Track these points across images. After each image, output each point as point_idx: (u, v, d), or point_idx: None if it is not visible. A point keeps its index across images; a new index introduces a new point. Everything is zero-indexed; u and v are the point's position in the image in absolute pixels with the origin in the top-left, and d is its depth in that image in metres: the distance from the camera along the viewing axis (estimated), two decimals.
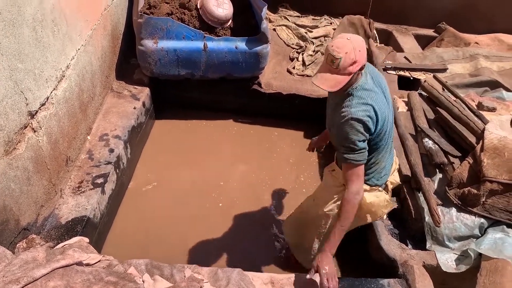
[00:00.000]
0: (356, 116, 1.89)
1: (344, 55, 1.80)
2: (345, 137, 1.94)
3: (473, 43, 4.98)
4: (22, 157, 2.16)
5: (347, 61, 1.80)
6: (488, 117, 3.13)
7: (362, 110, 1.90)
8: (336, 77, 1.85)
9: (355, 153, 1.96)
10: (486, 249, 2.42)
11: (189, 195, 3.37)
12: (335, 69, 1.84)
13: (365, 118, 1.90)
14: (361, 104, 1.91)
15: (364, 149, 1.98)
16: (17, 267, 1.86)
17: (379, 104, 1.96)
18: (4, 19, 1.94)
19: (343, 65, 1.81)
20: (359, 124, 1.91)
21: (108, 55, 3.56)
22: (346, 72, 1.83)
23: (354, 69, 1.83)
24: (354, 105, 1.92)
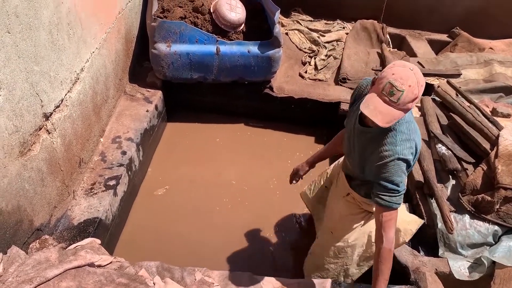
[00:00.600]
0: (403, 156, 1.75)
1: (408, 88, 1.58)
2: (389, 179, 1.78)
3: (487, 49, 4.93)
4: (37, 159, 2.19)
5: (409, 95, 1.58)
6: (502, 123, 3.09)
7: (408, 148, 1.76)
8: (392, 111, 1.61)
9: (397, 195, 1.81)
10: (500, 257, 2.39)
11: (200, 197, 3.38)
12: (393, 103, 1.60)
13: (409, 157, 1.77)
14: (405, 141, 1.77)
15: (403, 191, 1.82)
16: (30, 267, 1.88)
17: (418, 135, 1.84)
18: (21, 22, 1.97)
19: (404, 100, 1.59)
20: (404, 164, 1.77)
21: (121, 58, 3.60)
22: (404, 108, 1.61)
23: (413, 105, 1.64)
24: (399, 142, 1.76)
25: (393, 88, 1.58)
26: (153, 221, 3.15)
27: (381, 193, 1.82)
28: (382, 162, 1.77)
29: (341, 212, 2.27)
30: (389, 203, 1.81)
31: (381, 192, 1.82)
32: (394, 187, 1.79)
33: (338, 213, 2.30)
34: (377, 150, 1.80)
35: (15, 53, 1.94)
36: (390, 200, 1.81)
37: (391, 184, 1.79)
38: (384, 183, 1.80)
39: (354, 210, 2.22)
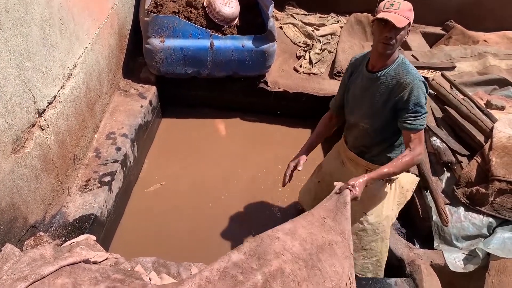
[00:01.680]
0: (422, 79, 2.01)
1: (402, 2, 1.96)
2: (415, 102, 2.00)
3: (481, 41, 4.94)
4: (30, 155, 2.17)
5: (405, 5, 1.95)
6: (496, 115, 3.10)
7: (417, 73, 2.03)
8: (398, 17, 1.92)
9: (421, 117, 2.03)
10: (495, 248, 2.41)
11: (196, 193, 3.38)
12: (398, 11, 1.94)
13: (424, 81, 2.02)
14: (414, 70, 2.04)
15: (426, 113, 2.05)
16: (25, 264, 1.87)
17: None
18: (12, 18, 1.95)
19: (403, 8, 1.94)
20: (423, 86, 2.01)
21: (115, 53, 3.57)
22: (405, 15, 1.93)
23: (410, 16, 1.95)
24: (413, 71, 2.04)
25: (392, 1, 1.96)
26: (149, 216, 3.15)
27: (407, 119, 2.03)
28: (407, 90, 2.01)
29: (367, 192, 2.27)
30: (415, 125, 2.03)
31: (408, 117, 2.03)
32: (419, 109, 2.02)
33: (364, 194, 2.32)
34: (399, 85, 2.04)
35: (6, 49, 1.92)
36: (415, 122, 2.03)
37: (417, 106, 2.01)
38: (411, 107, 2.02)
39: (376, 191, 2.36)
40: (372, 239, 2.47)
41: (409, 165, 2.10)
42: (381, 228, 2.44)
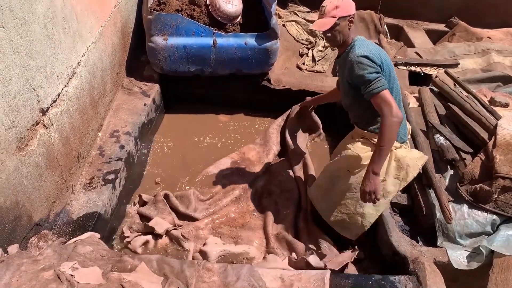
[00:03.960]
0: (360, 54, 2.27)
1: (329, 3, 2.31)
2: (359, 75, 2.27)
3: (485, 38, 4.92)
4: (34, 154, 2.18)
5: (330, 6, 2.29)
6: (500, 112, 3.09)
7: (363, 49, 2.29)
8: (324, 20, 2.32)
9: (373, 82, 2.23)
10: (499, 246, 2.40)
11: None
12: (323, 15, 2.32)
13: (369, 54, 2.26)
14: (361, 46, 2.33)
15: (379, 77, 2.24)
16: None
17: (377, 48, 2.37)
18: (16, 17, 1.96)
19: (328, 9, 2.30)
20: (365, 59, 2.25)
21: (118, 52, 3.58)
22: (331, 15, 2.29)
23: (338, 13, 2.28)
24: (357, 49, 2.31)
25: (321, 8, 2.35)
26: None
27: (363, 90, 2.29)
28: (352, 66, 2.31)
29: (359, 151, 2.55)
30: (370, 92, 2.25)
31: (363, 89, 2.29)
32: (366, 79, 2.25)
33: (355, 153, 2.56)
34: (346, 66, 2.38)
35: (10, 48, 1.93)
36: (369, 89, 2.25)
37: (362, 77, 2.26)
38: (361, 79, 2.27)
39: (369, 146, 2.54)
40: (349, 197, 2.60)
41: (388, 129, 2.23)
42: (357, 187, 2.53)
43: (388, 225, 2.69)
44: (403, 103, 3.44)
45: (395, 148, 2.49)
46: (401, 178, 2.54)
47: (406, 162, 2.51)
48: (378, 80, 2.23)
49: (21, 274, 1.82)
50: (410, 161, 2.52)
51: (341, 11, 2.29)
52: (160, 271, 2.07)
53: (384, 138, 2.24)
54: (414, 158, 2.55)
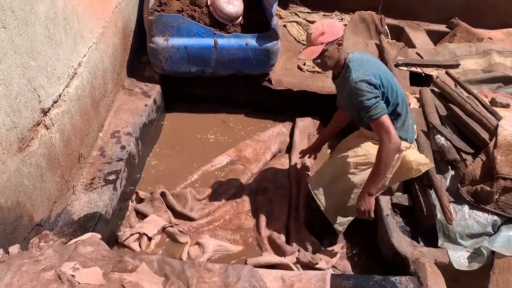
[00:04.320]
0: (357, 79, 2.25)
1: (314, 29, 2.29)
2: (358, 101, 2.26)
3: (486, 39, 4.92)
4: (35, 154, 2.19)
5: (316, 33, 2.27)
6: (501, 113, 3.08)
7: (361, 72, 2.26)
8: (311, 48, 2.29)
9: (371, 109, 2.24)
10: (500, 246, 2.40)
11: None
12: (310, 42, 2.30)
13: (366, 77, 2.24)
14: (357, 68, 2.29)
15: (377, 102, 2.25)
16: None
17: (374, 63, 2.35)
18: (17, 18, 1.96)
19: (314, 37, 2.28)
20: (363, 84, 2.24)
21: (119, 52, 3.59)
22: (317, 42, 2.27)
23: (324, 39, 2.26)
24: (353, 72, 2.28)
25: (307, 36, 2.33)
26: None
27: (363, 115, 2.29)
28: (351, 92, 2.30)
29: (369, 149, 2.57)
30: (370, 117, 2.26)
31: (363, 113, 2.28)
32: (366, 104, 2.25)
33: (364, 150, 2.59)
34: (346, 89, 2.36)
35: (11, 49, 1.93)
36: (368, 115, 2.26)
37: (366, 102, 2.25)
38: (360, 105, 2.28)
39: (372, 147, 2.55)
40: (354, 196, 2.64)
41: (386, 155, 2.29)
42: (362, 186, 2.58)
43: (388, 225, 2.69)
44: None
45: (405, 148, 2.55)
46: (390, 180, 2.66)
47: (410, 166, 2.60)
48: (377, 106, 2.24)
49: (22, 274, 1.83)
50: (415, 165, 2.60)
51: (328, 37, 2.26)
52: (161, 271, 2.07)
53: (381, 163, 2.31)
54: (418, 163, 2.61)
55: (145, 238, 2.79)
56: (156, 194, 3.06)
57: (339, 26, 2.34)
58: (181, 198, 3.11)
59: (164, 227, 2.85)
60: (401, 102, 2.44)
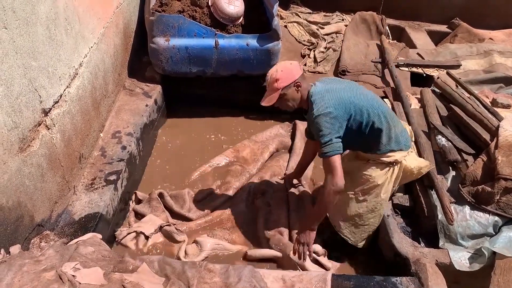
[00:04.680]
0: (319, 112, 2.24)
1: (269, 77, 2.35)
2: (318, 134, 2.27)
3: (487, 39, 4.92)
4: (36, 154, 2.19)
5: (271, 80, 2.34)
6: (502, 114, 3.08)
7: (322, 105, 2.25)
8: (269, 94, 2.36)
9: (328, 145, 2.23)
10: (501, 247, 2.39)
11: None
12: (268, 89, 2.38)
13: (324, 111, 2.23)
14: (318, 101, 2.27)
15: (330, 141, 2.22)
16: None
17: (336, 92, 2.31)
18: (18, 18, 1.96)
19: (269, 84, 2.35)
20: (321, 119, 2.23)
21: (120, 53, 3.59)
22: (274, 89, 2.33)
23: (279, 85, 2.31)
24: (315, 106, 2.28)
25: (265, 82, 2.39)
26: None
27: (320, 148, 2.27)
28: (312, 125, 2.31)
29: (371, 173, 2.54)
30: (325, 153, 2.25)
31: (320, 147, 2.27)
32: (322, 138, 2.24)
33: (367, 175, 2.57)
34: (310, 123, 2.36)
35: (13, 49, 1.94)
36: (323, 151, 2.25)
37: (321, 138, 2.25)
38: (318, 138, 2.27)
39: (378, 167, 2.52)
40: (372, 216, 2.67)
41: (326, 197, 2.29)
42: (378, 206, 2.63)
43: (389, 226, 2.69)
44: (404, 104, 3.45)
45: (403, 158, 2.52)
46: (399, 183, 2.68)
47: (412, 171, 2.61)
48: (330, 144, 2.23)
49: (23, 274, 1.83)
50: (416, 170, 2.60)
51: (282, 82, 2.30)
52: (161, 271, 2.07)
53: (320, 205, 2.36)
54: (419, 167, 2.61)
55: (142, 237, 2.79)
56: (153, 194, 3.07)
57: (294, 68, 2.36)
58: (179, 198, 3.11)
59: (161, 226, 2.85)
60: (377, 118, 2.35)
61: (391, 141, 2.43)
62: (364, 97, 2.37)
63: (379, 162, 2.51)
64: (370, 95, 2.45)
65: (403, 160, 2.52)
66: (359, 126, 2.35)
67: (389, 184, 2.56)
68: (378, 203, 2.61)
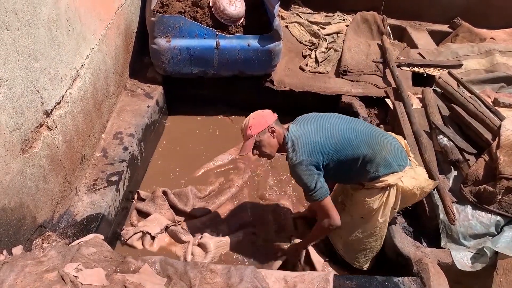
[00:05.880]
0: (293, 162, 2.25)
1: (243, 125, 2.39)
2: (300, 183, 2.30)
3: (488, 39, 4.91)
4: (38, 155, 2.19)
5: (245, 128, 2.37)
6: (504, 113, 3.08)
7: (295, 154, 2.25)
8: (245, 143, 2.36)
9: (313, 193, 2.26)
10: (503, 247, 2.39)
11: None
12: (243, 138, 2.40)
13: (300, 159, 2.23)
14: (292, 150, 2.28)
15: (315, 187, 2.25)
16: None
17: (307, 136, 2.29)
18: (20, 19, 1.97)
19: (244, 132, 2.38)
20: (300, 166, 2.23)
21: (121, 54, 3.59)
22: (248, 136, 2.34)
23: (253, 132, 2.33)
24: (289, 154, 2.29)
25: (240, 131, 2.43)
26: None
27: (306, 194, 2.31)
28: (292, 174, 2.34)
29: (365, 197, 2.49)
30: (310, 199, 2.30)
31: (305, 193, 2.32)
32: (305, 187, 2.28)
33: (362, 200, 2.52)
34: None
35: (15, 50, 1.94)
36: (309, 198, 2.30)
37: (303, 186, 2.30)
38: (301, 186, 2.31)
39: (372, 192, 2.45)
40: (372, 240, 2.62)
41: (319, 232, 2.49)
42: (378, 230, 2.57)
43: (391, 226, 2.68)
44: (406, 104, 3.45)
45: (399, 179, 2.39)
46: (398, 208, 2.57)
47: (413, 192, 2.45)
48: (316, 191, 2.25)
49: (25, 275, 1.83)
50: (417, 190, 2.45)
51: (255, 129, 2.32)
52: (163, 272, 2.08)
53: (313, 235, 2.53)
54: (420, 187, 2.45)
55: (148, 237, 2.80)
56: (158, 192, 3.09)
57: (266, 114, 2.39)
58: (182, 196, 3.14)
59: (167, 226, 2.85)
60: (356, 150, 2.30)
61: (379, 167, 2.34)
62: (338, 133, 2.31)
63: (373, 187, 2.43)
64: (346, 127, 2.36)
65: (399, 182, 2.39)
66: (340, 163, 2.31)
67: (386, 208, 2.46)
68: (376, 227, 2.54)
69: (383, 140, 2.39)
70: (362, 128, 2.40)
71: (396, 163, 2.38)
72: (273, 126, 2.36)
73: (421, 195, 2.51)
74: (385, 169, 2.35)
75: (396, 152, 2.40)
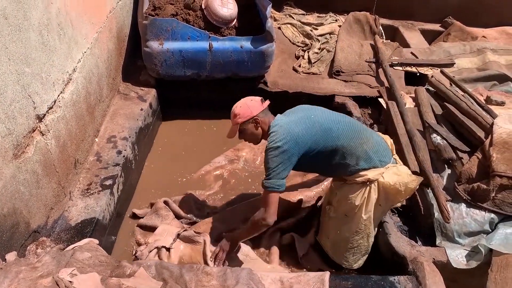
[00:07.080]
0: (269, 146, 2.30)
1: (231, 112, 2.53)
2: (265, 166, 2.34)
3: (480, 37, 4.94)
4: (31, 161, 2.18)
5: (232, 115, 2.52)
6: (497, 111, 3.10)
7: (274, 140, 2.29)
8: (232, 128, 2.53)
9: (270, 179, 2.29)
10: (497, 244, 2.40)
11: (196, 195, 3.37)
12: (231, 122, 2.54)
13: (274, 145, 2.28)
14: (272, 137, 2.32)
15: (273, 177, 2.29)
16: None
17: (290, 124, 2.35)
18: (10, 24, 1.96)
19: (232, 118, 2.52)
20: (274, 151, 2.27)
21: (114, 57, 3.58)
22: (234, 123, 2.50)
23: (238, 120, 2.46)
24: (269, 139, 2.34)
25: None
26: None
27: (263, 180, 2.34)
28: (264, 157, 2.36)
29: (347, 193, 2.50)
30: (265, 187, 2.32)
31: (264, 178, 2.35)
32: (266, 172, 2.33)
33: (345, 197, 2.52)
34: None
35: (5, 55, 1.93)
36: (265, 184, 2.32)
37: (266, 171, 2.33)
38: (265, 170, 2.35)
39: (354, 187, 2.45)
40: (359, 238, 2.59)
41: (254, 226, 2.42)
42: (363, 227, 2.54)
43: (386, 225, 2.69)
44: (399, 103, 3.46)
45: (380, 175, 2.38)
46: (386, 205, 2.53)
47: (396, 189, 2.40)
48: (271, 179, 2.29)
49: (20, 281, 1.82)
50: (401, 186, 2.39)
51: (241, 118, 2.44)
52: (159, 276, 2.07)
53: (246, 229, 2.50)
54: (403, 183, 2.38)
55: (164, 250, 2.67)
56: (160, 203, 3.01)
57: (252, 105, 2.47)
58: (183, 203, 3.09)
59: (178, 234, 2.77)
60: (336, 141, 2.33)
61: (359, 160, 2.35)
62: (320, 124, 2.35)
63: (354, 183, 2.42)
64: (329, 118, 2.42)
65: (380, 178, 2.37)
66: (320, 153, 2.34)
67: (369, 204, 2.44)
68: (361, 224, 2.51)
69: (366, 135, 2.43)
70: (346, 120, 2.47)
71: (378, 158, 2.38)
72: (257, 117, 2.44)
73: (406, 192, 2.41)
74: (366, 163, 2.37)
75: (378, 147, 2.42)
